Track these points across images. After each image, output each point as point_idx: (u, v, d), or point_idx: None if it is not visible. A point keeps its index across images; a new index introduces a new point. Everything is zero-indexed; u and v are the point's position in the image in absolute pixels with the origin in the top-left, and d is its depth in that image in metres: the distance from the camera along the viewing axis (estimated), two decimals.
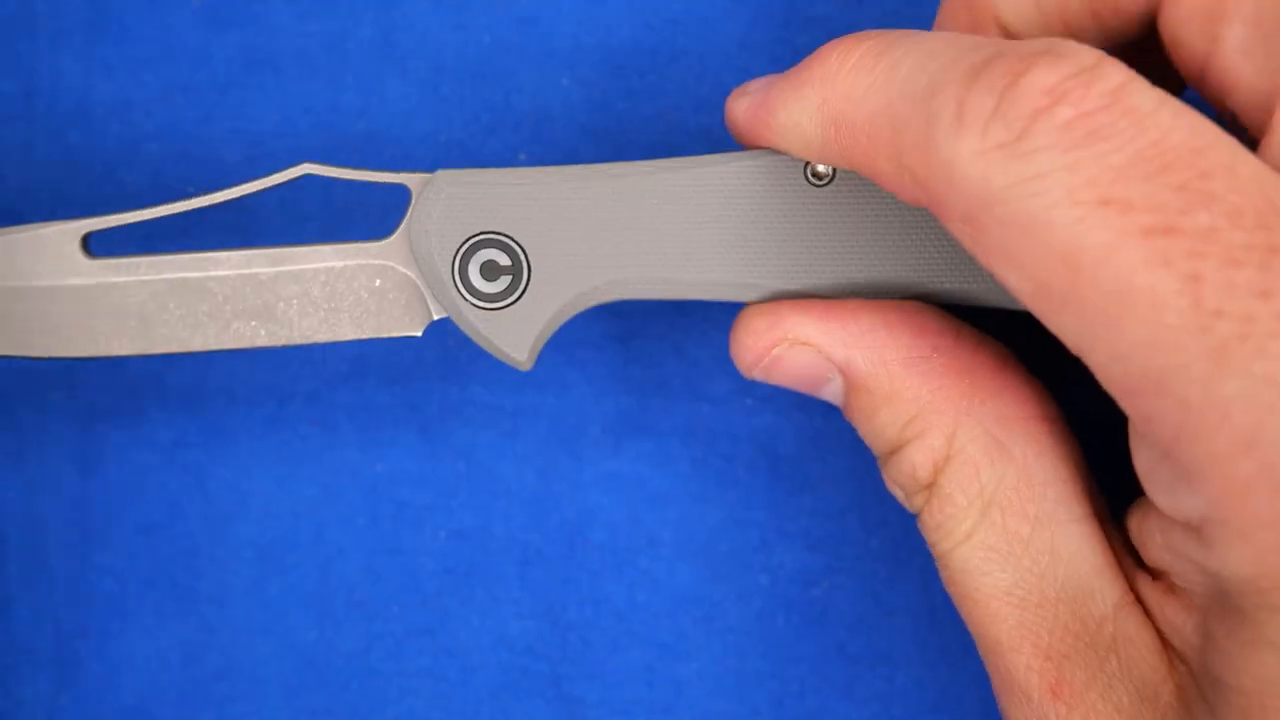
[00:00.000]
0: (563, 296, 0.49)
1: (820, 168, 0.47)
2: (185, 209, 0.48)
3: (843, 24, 0.56)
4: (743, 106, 0.47)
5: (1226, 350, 0.35)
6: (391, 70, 0.56)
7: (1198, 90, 0.43)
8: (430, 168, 0.55)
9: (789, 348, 0.47)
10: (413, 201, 0.49)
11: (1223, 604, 0.38)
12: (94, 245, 0.49)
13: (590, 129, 0.56)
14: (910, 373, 0.46)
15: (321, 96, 0.56)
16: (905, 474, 0.46)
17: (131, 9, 0.56)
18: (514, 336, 0.49)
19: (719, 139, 0.56)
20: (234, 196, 0.48)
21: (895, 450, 0.46)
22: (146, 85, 0.56)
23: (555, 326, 0.49)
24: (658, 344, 0.56)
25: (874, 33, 0.43)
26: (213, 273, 0.49)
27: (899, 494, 0.47)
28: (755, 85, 0.47)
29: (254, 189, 0.48)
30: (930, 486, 0.46)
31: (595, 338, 0.56)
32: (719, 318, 0.56)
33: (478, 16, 0.56)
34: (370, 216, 0.56)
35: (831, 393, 0.48)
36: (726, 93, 0.56)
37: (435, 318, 0.50)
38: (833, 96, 0.43)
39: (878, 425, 0.46)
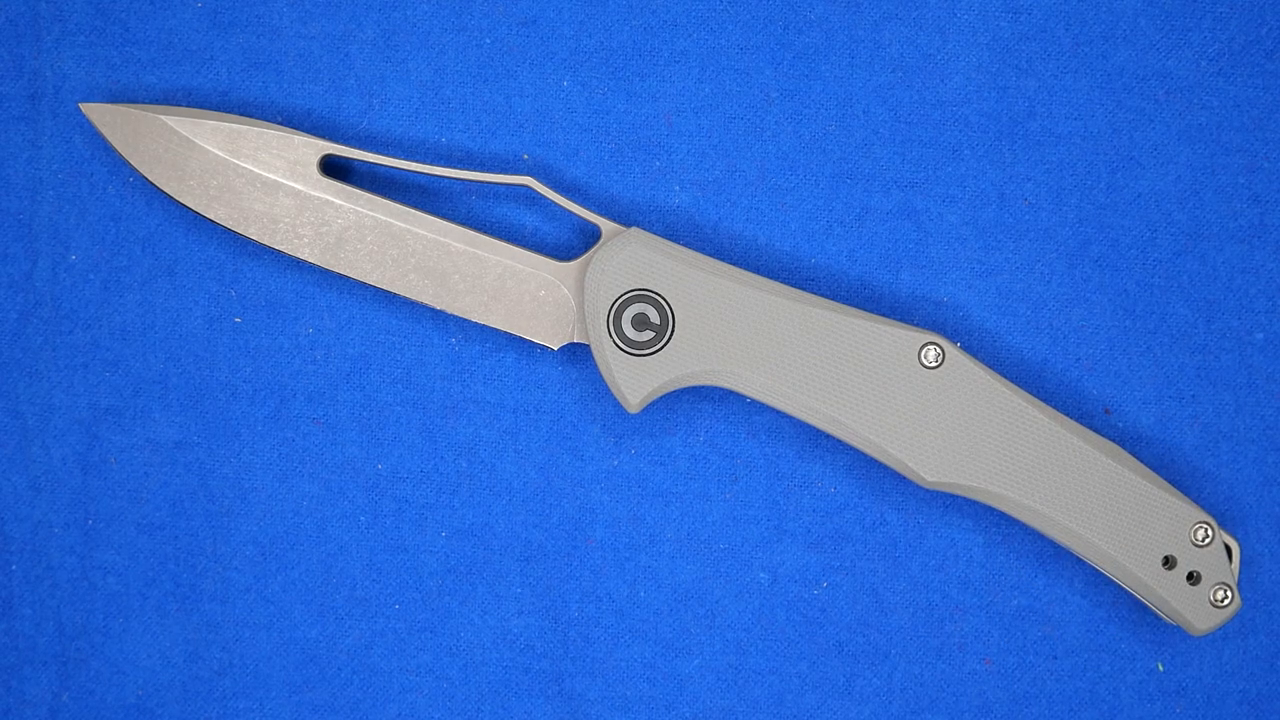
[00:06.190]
0: (689, 367, 0.53)
1: (931, 354, 0.52)
2: (414, 169, 0.54)
3: (842, 26, 0.56)
4: None
5: None
6: (393, 72, 0.56)
7: None
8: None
9: None
10: (600, 243, 0.53)
11: None
12: (325, 166, 0.54)
13: (591, 131, 0.56)
14: None
15: (324, 99, 0.56)
16: None
17: (134, 11, 0.56)
18: (635, 382, 0.53)
19: (719, 140, 0.56)
20: (454, 176, 0.54)
21: None
22: (149, 87, 0.56)
23: (672, 388, 0.53)
24: None
25: None
26: (413, 228, 0.54)
27: None
28: None
29: (474, 177, 0.54)
30: None
31: None
32: None
33: (479, 19, 0.56)
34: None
35: None
36: (727, 95, 0.56)
37: (574, 341, 0.54)
38: None
39: None
